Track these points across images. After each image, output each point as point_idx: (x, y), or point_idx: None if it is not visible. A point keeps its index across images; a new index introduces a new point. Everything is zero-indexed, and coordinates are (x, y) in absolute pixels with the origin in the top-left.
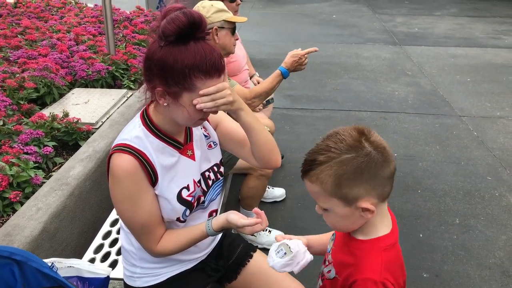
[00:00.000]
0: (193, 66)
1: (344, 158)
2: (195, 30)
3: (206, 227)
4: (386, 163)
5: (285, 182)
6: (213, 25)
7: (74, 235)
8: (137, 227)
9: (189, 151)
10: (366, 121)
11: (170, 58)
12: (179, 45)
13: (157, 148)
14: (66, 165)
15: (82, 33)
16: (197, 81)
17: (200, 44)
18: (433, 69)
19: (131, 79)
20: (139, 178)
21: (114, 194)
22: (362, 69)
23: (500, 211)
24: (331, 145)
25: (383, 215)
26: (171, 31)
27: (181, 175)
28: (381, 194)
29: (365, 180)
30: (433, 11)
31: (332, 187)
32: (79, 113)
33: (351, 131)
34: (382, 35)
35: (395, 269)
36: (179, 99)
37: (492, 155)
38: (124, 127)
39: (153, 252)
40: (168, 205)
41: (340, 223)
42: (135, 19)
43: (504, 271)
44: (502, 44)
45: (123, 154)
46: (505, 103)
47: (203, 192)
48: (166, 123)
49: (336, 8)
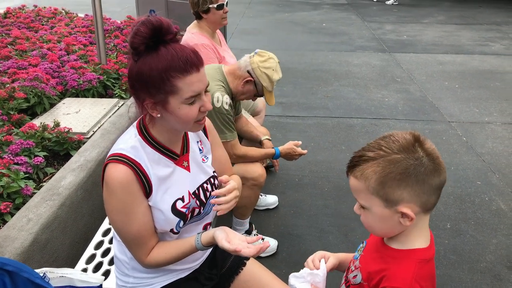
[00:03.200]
0: (167, 68)
1: (393, 158)
2: (159, 35)
3: (195, 241)
4: (437, 173)
5: (278, 190)
6: (254, 76)
7: (65, 246)
8: (129, 238)
9: (185, 162)
10: (357, 128)
11: (145, 68)
12: (150, 53)
13: (153, 159)
14: (57, 175)
15: (73, 43)
16: (176, 81)
17: (170, 46)
18: (422, 75)
19: (122, 88)
20: (134, 189)
21: (108, 204)
22: (353, 76)
23: (490, 215)
24: (383, 144)
25: (423, 227)
26: (137, 44)
27: (176, 186)
28: (425, 203)
29: (411, 184)
30: (421, 19)
31: (376, 185)
32: (70, 122)
33: (406, 135)
34: (372, 42)
35: (427, 284)
36: (167, 106)
37: (481, 160)
38: (120, 137)
39: (143, 263)
40: (162, 216)
41: (376, 224)
42: (126, 29)
43: (495, 275)
44: (489, 50)
45: (118, 164)
46: (492, 109)
47: (201, 204)
48: (163, 133)
49: (326, 16)
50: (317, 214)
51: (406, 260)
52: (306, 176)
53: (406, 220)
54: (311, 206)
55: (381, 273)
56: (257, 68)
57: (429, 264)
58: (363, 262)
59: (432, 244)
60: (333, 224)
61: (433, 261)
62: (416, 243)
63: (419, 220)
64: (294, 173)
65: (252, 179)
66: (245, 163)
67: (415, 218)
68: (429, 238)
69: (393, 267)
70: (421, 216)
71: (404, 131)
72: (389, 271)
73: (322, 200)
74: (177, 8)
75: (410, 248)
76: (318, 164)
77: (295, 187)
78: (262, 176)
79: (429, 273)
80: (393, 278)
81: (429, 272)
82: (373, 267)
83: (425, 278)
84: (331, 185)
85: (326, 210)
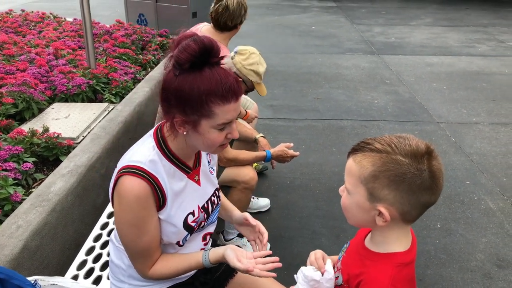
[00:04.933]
0: (209, 92)
1: (397, 158)
2: (207, 56)
3: (203, 258)
4: (430, 191)
5: (269, 192)
6: (241, 75)
7: (56, 252)
8: (136, 250)
9: (196, 176)
10: (348, 130)
11: (186, 86)
12: (194, 72)
13: (169, 172)
14: (47, 181)
15: (61, 47)
16: (214, 107)
17: (215, 70)
18: (410, 77)
19: (112, 93)
20: (149, 204)
21: (120, 217)
22: (342, 79)
23: (479, 214)
24: (395, 141)
25: (402, 234)
26: (184, 60)
27: (188, 200)
28: (405, 213)
29: (401, 190)
30: (409, 21)
31: (368, 176)
32: (59, 128)
33: (421, 144)
34: (361, 45)
35: (405, 286)
36: (198, 127)
37: (470, 160)
38: (135, 147)
39: (145, 275)
40: (173, 230)
41: (352, 209)
42: (115, 33)
43: (485, 273)
44: (476, 52)
45: (136, 178)
46: (480, 109)
47: (207, 217)
48: (182, 148)
49: (315, 19)
50: (309, 216)
51: (383, 264)
52: (297, 178)
53: (381, 220)
54: (303, 208)
55: (360, 277)
56: (242, 68)
57: (408, 268)
58: (344, 264)
59: (413, 247)
60: (325, 226)
61: (413, 265)
62: (394, 247)
63: (396, 225)
64: (285, 176)
65: (243, 182)
66: (236, 166)
67: (389, 221)
68: (409, 242)
69: (370, 270)
70: (399, 222)
71: (422, 140)
72: (366, 275)
73: (314, 202)
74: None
75: (388, 251)
76: (309, 166)
77: (286, 189)
78: (253, 179)
79: (407, 277)
80: (370, 282)
81: (407, 275)
82: (352, 270)
83: (403, 281)
84: (323, 187)
85: (318, 212)
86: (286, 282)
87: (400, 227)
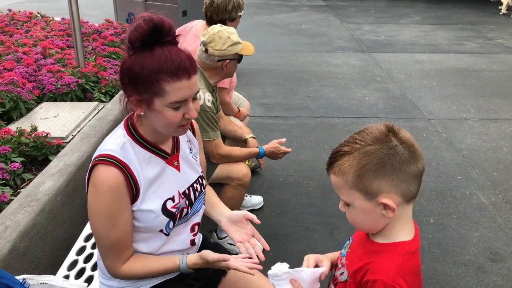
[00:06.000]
0: (158, 70)
1: (368, 149)
2: (158, 35)
3: (180, 260)
4: (413, 160)
5: (262, 190)
6: (226, 57)
7: (45, 253)
8: (107, 244)
9: (175, 162)
10: (339, 127)
11: (136, 65)
12: (145, 51)
13: (143, 159)
14: (36, 181)
15: (49, 46)
16: (165, 85)
17: (166, 48)
18: (401, 74)
19: (101, 92)
20: (122, 194)
21: (92, 207)
22: (333, 77)
23: (471, 209)
24: (357, 137)
25: (406, 220)
26: (134, 39)
27: (166, 185)
28: (406, 192)
29: (388, 173)
30: (398, 20)
31: (354, 178)
32: (48, 127)
33: (380, 126)
34: (351, 43)
35: (411, 278)
36: (152, 106)
37: (461, 155)
38: (107, 137)
39: (116, 272)
40: (152, 216)
41: (360, 219)
42: (105, 32)
43: (479, 267)
44: (464, 49)
45: (108, 166)
46: (470, 105)
47: (189, 204)
48: (151, 132)
49: (305, 18)
50: (302, 213)
51: (389, 254)
52: (290, 175)
53: (389, 211)
54: (296, 205)
55: (365, 268)
56: (221, 52)
57: (414, 257)
58: (349, 259)
59: (416, 236)
60: (318, 223)
61: (418, 253)
62: (400, 236)
63: (401, 211)
64: (278, 173)
65: (237, 179)
66: (229, 163)
67: (396, 209)
68: (413, 230)
69: (376, 260)
70: (403, 206)
71: (379, 123)
72: (372, 264)
73: (307, 199)
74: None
75: (394, 241)
76: (302, 163)
77: (279, 187)
78: (247, 175)
79: (413, 266)
80: (376, 271)
81: (414, 265)
82: (358, 264)
83: (410, 271)
84: (315, 183)
85: (311, 209)
86: None
87: (404, 211)
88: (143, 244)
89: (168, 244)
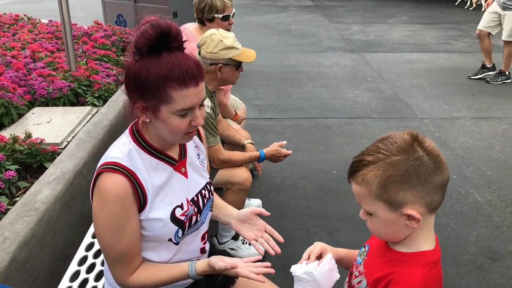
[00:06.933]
0: (166, 77)
1: (393, 160)
2: (165, 41)
3: (189, 268)
4: (439, 171)
5: (260, 193)
6: (218, 61)
7: (44, 264)
8: (115, 255)
9: (182, 168)
10: (334, 128)
11: (143, 71)
12: (152, 57)
13: (150, 166)
14: (33, 189)
15: (38, 49)
16: (172, 92)
17: (173, 54)
18: (392, 74)
19: (95, 96)
20: (129, 203)
21: (98, 217)
22: (325, 77)
23: (468, 208)
24: (381, 146)
25: (429, 229)
26: (141, 45)
27: (174, 193)
28: (430, 203)
29: (413, 185)
30: (386, 19)
31: (378, 189)
32: (42, 133)
33: (404, 135)
34: (341, 43)
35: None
36: (158, 113)
37: (455, 154)
38: (112, 145)
39: (125, 283)
40: (161, 224)
41: (382, 229)
42: (94, 34)
43: (479, 266)
44: (452, 48)
45: (114, 174)
46: (460, 104)
47: (198, 211)
48: (157, 138)
49: (294, 18)
50: (301, 216)
51: (413, 264)
52: (287, 177)
53: (413, 222)
54: (295, 208)
55: (388, 277)
56: (213, 55)
57: (437, 267)
58: (368, 267)
59: (437, 245)
60: (318, 225)
61: (440, 263)
62: (423, 246)
63: (425, 221)
64: (275, 175)
65: (238, 184)
66: (230, 168)
67: (421, 220)
68: (434, 239)
69: (400, 271)
70: (427, 216)
71: (402, 131)
72: (396, 275)
73: (305, 201)
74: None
75: (417, 250)
76: (298, 165)
77: (277, 189)
78: (248, 180)
79: (437, 276)
80: (401, 282)
81: (437, 274)
82: (378, 273)
83: (433, 281)
84: (313, 185)
85: (310, 211)
86: (284, 284)
87: (427, 221)
88: (153, 253)
89: (180, 254)
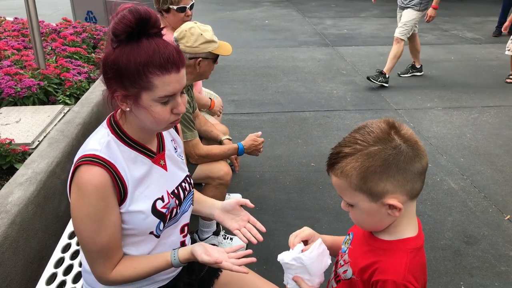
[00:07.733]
0: (146, 63)
1: (371, 150)
2: (144, 26)
3: (172, 256)
4: (417, 158)
5: (240, 187)
6: (198, 55)
7: (18, 267)
8: (95, 249)
9: (161, 161)
10: (311, 121)
11: (123, 58)
12: (131, 44)
13: (129, 158)
14: (3, 191)
15: (4, 48)
16: (153, 78)
17: (153, 40)
18: (365, 67)
19: (66, 94)
20: (109, 194)
21: (77, 210)
22: (300, 71)
23: (443, 194)
24: (358, 137)
25: (411, 215)
26: (120, 31)
27: (155, 185)
28: (410, 191)
29: (393, 174)
30: (358, 13)
31: (357, 181)
32: (10, 133)
33: (380, 124)
34: (314, 37)
35: (418, 274)
36: (139, 101)
37: (429, 143)
38: (89, 137)
39: (106, 278)
40: (142, 217)
41: (365, 220)
42: (64, 31)
43: (455, 250)
44: (422, 41)
45: (93, 166)
46: (433, 95)
47: (179, 204)
48: (137, 130)
49: (268, 13)
50: (282, 209)
51: (397, 251)
52: (266, 171)
53: (395, 211)
54: (275, 201)
55: (373, 266)
56: (192, 49)
57: (420, 252)
58: (352, 256)
59: (420, 231)
60: (298, 217)
61: (423, 249)
62: (406, 233)
63: (406, 208)
64: (254, 170)
65: (218, 178)
66: (209, 162)
67: (403, 208)
68: (417, 225)
69: (385, 259)
70: (408, 204)
71: (379, 119)
72: (381, 264)
73: (285, 194)
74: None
75: (400, 238)
76: (277, 158)
77: (257, 183)
78: (228, 174)
79: (420, 262)
80: (386, 271)
81: (420, 260)
82: (363, 261)
83: (418, 267)
84: (292, 178)
85: (290, 204)
86: (266, 277)
87: (409, 208)
88: (133, 248)
89: (159, 247)
